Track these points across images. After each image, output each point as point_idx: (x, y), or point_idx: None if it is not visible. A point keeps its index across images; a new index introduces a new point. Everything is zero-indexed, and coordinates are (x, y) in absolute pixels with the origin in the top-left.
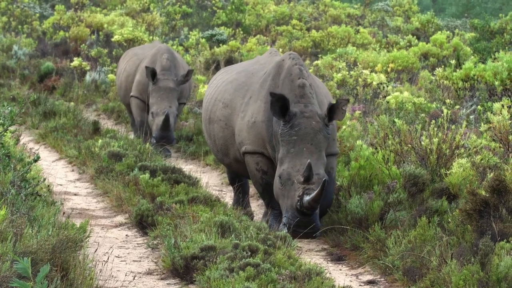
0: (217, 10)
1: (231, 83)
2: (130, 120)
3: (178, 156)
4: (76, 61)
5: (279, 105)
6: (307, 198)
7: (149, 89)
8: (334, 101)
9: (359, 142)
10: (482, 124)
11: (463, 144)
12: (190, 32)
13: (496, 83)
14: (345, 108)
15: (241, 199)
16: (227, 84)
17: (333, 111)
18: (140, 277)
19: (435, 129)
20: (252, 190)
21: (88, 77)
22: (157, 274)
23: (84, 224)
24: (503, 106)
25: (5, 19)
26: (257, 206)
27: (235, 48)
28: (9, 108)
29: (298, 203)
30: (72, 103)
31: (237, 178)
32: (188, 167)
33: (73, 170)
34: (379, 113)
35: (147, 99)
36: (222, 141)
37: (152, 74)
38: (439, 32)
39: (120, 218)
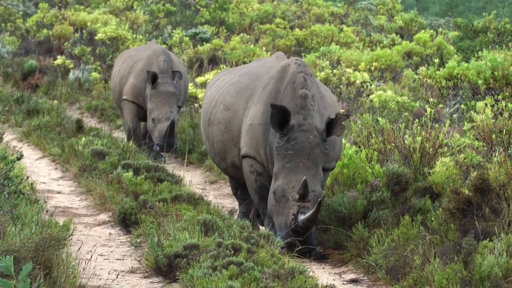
0: (201, 9)
1: (233, 85)
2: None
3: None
4: (59, 59)
5: (279, 117)
6: (302, 217)
7: (146, 93)
8: (341, 111)
9: (342, 140)
10: (466, 123)
11: (447, 143)
12: (174, 31)
13: (480, 82)
14: (344, 124)
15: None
16: (229, 86)
17: (332, 126)
18: (123, 275)
19: (419, 128)
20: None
21: (71, 75)
22: (140, 273)
23: (67, 222)
24: (486, 105)
25: None
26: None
27: (218, 46)
28: None
29: (293, 222)
30: (55, 101)
31: (240, 187)
32: (171, 166)
33: (56, 168)
34: (363, 112)
35: (145, 103)
36: (220, 145)
37: (153, 78)
38: (423, 31)
39: (103, 216)
